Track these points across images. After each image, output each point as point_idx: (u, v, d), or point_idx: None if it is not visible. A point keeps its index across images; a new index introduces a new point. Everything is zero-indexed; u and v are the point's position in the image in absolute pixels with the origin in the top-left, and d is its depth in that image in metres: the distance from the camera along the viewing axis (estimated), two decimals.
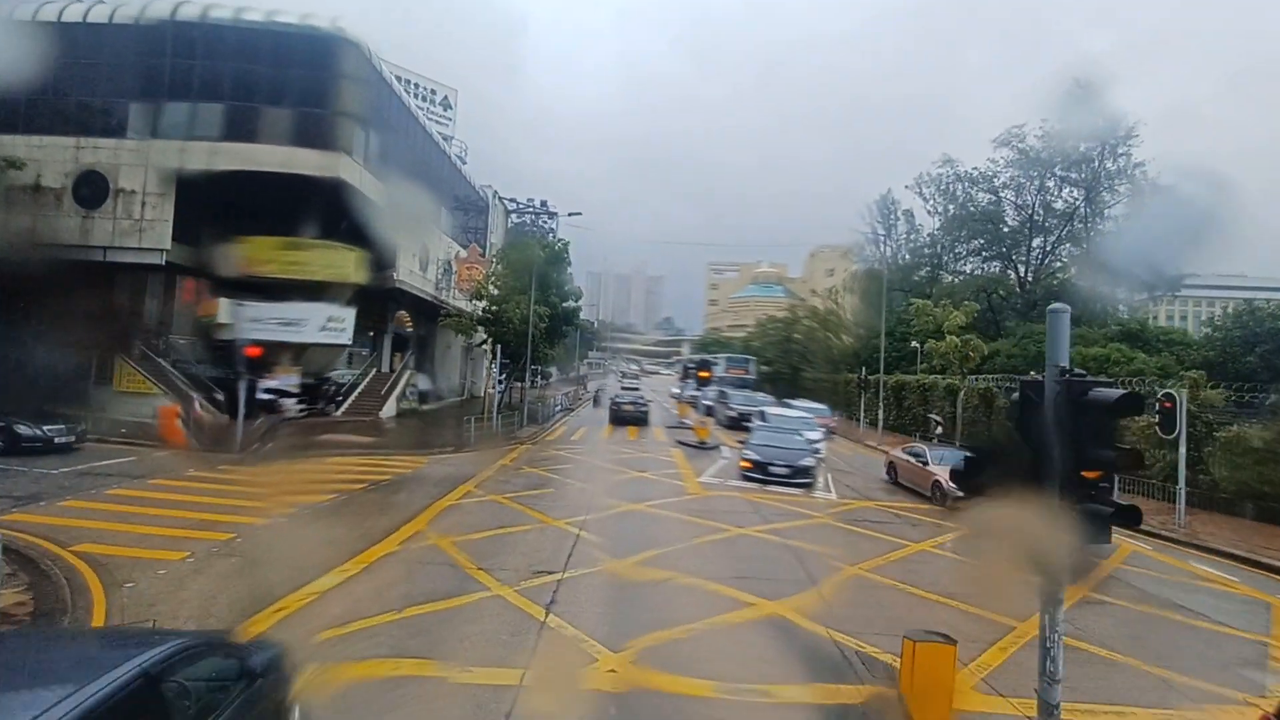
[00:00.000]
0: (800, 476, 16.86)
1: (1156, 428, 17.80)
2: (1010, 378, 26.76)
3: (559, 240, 33.26)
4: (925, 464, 16.78)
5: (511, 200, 45.75)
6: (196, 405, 21.12)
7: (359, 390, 25.56)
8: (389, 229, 24.78)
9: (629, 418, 30.07)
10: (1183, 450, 15.38)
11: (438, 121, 39.97)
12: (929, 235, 55.61)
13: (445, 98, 42.39)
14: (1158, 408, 17.37)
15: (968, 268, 53.06)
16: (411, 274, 27.96)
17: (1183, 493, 15.49)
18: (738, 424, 29.15)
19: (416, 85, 40.32)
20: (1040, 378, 3.99)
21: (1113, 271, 38.03)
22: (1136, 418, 19.28)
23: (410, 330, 34.74)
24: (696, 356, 53.96)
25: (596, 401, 42.76)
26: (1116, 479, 18.13)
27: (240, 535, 10.00)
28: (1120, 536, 14.17)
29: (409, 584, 8.20)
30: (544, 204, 48.09)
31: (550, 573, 9.10)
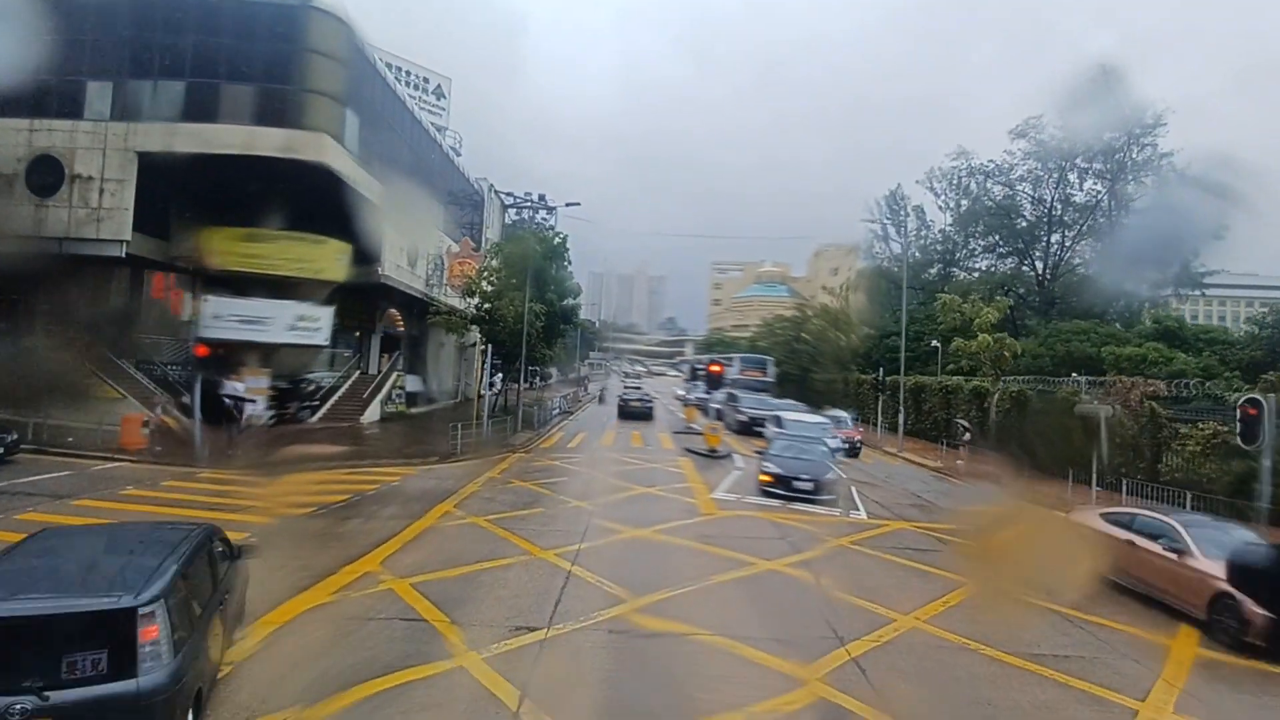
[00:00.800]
0: (825, 492, 15.01)
1: (1234, 437, 15.93)
2: (1045, 380, 24.78)
3: (557, 233, 31.36)
4: (1181, 554, 9.14)
5: (508, 194, 43.93)
6: (158, 411, 19.29)
7: (339, 394, 23.66)
8: (373, 220, 22.98)
9: (636, 412, 33.65)
10: (1267, 464, 13.38)
11: (430, 111, 38.05)
12: (940, 232, 53.73)
13: (438, 86, 40.46)
14: (1238, 415, 15.44)
15: (981, 264, 51.17)
16: (398, 269, 26.06)
17: (1265, 513, 13.49)
18: (749, 429, 27.29)
19: (408, 73, 38.42)
20: None
21: (1138, 265, 36.20)
22: (1199, 426, 17.39)
23: (401, 330, 32.90)
24: (706, 356, 51.42)
25: (602, 400, 45.06)
26: (1167, 492, 16.26)
27: None
28: None
29: (329, 657, 6.19)
30: (542, 198, 46.26)
31: (532, 629, 7.19)
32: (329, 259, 20.88)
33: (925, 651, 7.36)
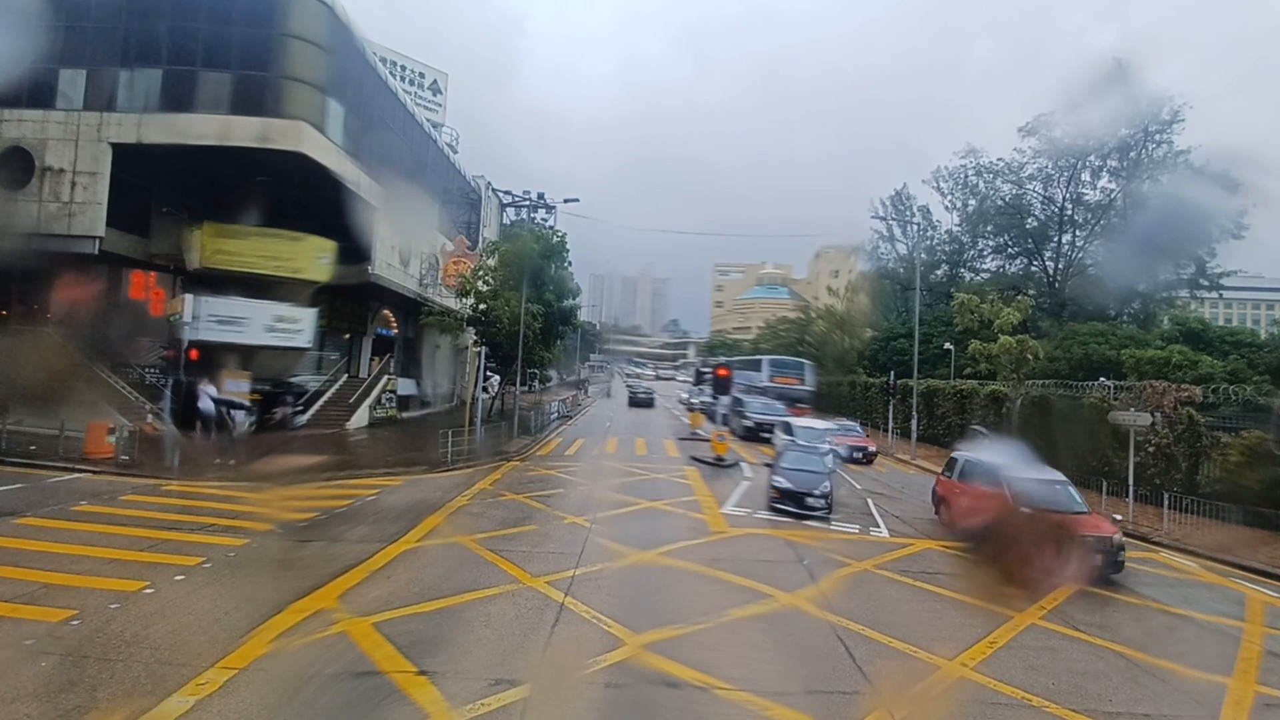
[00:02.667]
0: (831, 509, 14.06)
1: (1273, 443, 14.83)
2: (1066, 384, 23.67)
3: (555, 232, 30.27)
4: None
5: (506, 193, 42.82)
6: (148, 418, 18.21)
7: (325, 399, 22.54)
8: (363, 216, 21.93)
9: (641, 401, 44.18)
10: None
11: (427, 107, 37.01)
12: (947, 232, 52.67)
13: (434, 81, 39.39)
14: (1276, 419, 14.38)
15: (990, 265, 50.09)
16: (390, 268, 24.97)
17: None
18: (755, 435, 26.18)
19: (403, 68, 37.38)
20: None
21: (1153, 265, 35.10)
22: (1241, 434, 16.26)
23: (395, 331, 31.83)
24: (719, 359, 49.61)
25: (610, 394, 54.96)
26: (1194, 502, 15.06)
27: (79, 616, 7.01)
28: (1244, 584, 11.10)
29: None
30: (540, 196, 45.09)
31: (514, 682, 6.06)
32: (307, 257, 19.77)
33: (980, 710, 6.21)
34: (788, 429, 21.28)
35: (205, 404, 16.24)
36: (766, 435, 25.28)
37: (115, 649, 6.34)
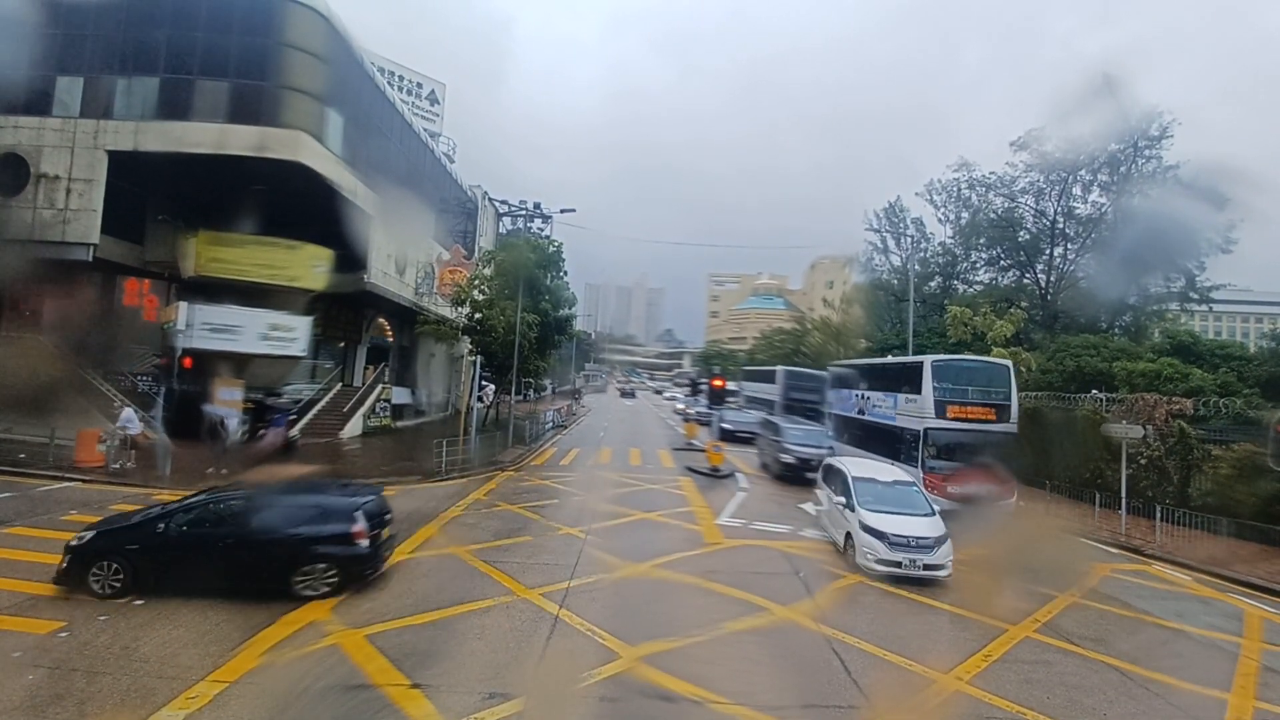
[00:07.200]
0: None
1: (1269, 458, 14.91)
2: (1059, 396, 23.77)
3: (551, 241, 30.33)
4: None
5: (503, 202, 42.92)
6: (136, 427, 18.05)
7: (319, 407, 22.42)
8: (360, 225, 21.96)
9: (627, 394, 67.29)
10: None
11: (424, 116, 37.18)
12: (940, 244, 53.09)
13: (432, 91, 39.58)
14: (1272, 434, 14.44)
15: (983, 277, 50.46)
16: (386, 276, 24.95)
17: None
18: (799, 475, 19.57)
19: (401, 78, 37.56)
20: None
21: (1142, 278, 35.39)
22: (1232, 446, 16.39)
23: (390, 340, 31.78)
24: (780, 368, 37.92)
25: (604, 392, 76.68)
26: (1191, 516, 15.17)
27: (68, 628, 6.92)
28: (1239, 598, 11.14)
29: None
30: (537, 206, 45.21)
31: (508, 696, 6.01)
32: (302, 265, 19.75)
33: None
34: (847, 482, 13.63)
35: (129, 428, 16.00)
36: (811, 475, 17.92)
37: (104, 661, 6.28)
